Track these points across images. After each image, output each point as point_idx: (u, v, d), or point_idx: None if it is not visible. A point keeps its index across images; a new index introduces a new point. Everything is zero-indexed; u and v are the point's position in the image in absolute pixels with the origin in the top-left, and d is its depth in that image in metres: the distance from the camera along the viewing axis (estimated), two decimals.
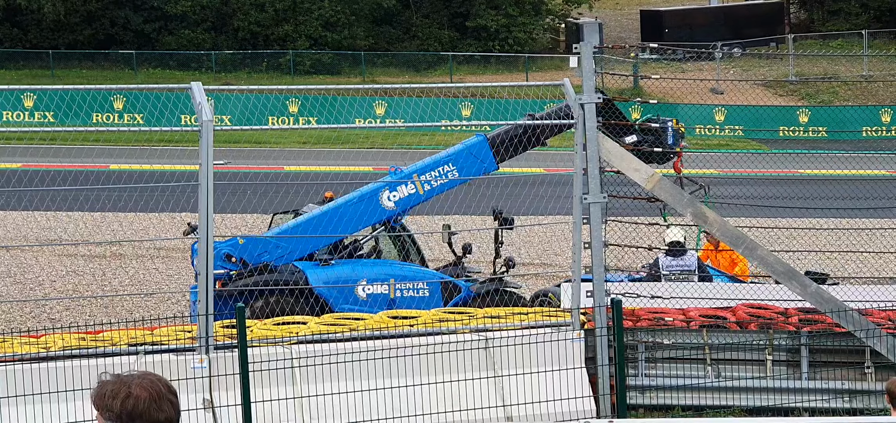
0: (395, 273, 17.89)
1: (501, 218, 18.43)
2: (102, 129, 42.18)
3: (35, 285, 23.13)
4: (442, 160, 18.01)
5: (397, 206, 17.88)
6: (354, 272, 17.71)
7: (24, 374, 12.59)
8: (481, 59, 59.83)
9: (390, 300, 17.49)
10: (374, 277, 17.67)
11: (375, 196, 17.84)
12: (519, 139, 17.67)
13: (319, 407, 13.37)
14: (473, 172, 17.95)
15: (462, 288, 18.00)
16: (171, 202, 21.89)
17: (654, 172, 14.71)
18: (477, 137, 18.18)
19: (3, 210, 27.20)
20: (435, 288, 17.87)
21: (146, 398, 5.24)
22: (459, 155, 17.99)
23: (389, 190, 17.81)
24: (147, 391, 5.26)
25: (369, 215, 17.86)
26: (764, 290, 16.44)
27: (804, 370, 14.72)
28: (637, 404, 14.69)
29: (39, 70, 56.54)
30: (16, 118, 46.66)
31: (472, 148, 17.99)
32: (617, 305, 14.18)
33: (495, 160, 17.87)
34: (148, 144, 28.82)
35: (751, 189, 26.93)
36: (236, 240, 17.76)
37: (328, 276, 17.56)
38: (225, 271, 17.41)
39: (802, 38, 62.64)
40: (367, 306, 17.19)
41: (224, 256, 17.40)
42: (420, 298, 17.66)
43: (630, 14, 70.63)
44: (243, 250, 17.47)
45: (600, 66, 15.39)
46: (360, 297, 17.50)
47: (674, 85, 34.96)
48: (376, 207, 17.82)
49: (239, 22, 60.17)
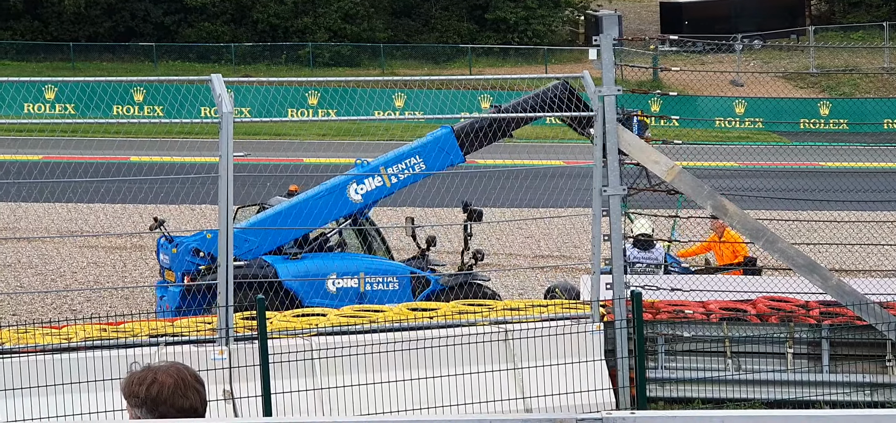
0: (365, 267, 17.77)
1: (471, 211, 18.30)
2: (123, 121, 42.25)
3: (56, 276, 23.21)
4: (408, 153, 17.84)
5: (364, 199, 17.70)
6: (324, 266, 17.57)
7: (45, 365, 12.63)
8: (500, 51, 59.78)
9: (360, 294, 17.39)
10: (344, 270, 17.53)
11: (342, 189, 17.66)
12: (485, 131, 17.59)
13: (339, 399, 13.39)
14: (440, 164, 17.79)
15: (432, 281, 17.90)
16: (191, 194, 21.97)
17: (673, 164, 14.68)
18: (443, 129, 17.98)
19: (25, 202, 27.29)
20: (404, 282, 17.77)
21: (171, 385, 5.30)
22: (426, 147, 17.81)
23: (356, 183, 17.64)
24: (172, 379, 5.31)
25: (336, 209, 17.68)
26: (784, 282, 16.40)
27: (825, 363, 14.68)
28: (656, 396, 14.67)
29: (60, 62, 56.72)
30: (37, 110, 46.82)
31: (439, 140, 17.80)
32: (637, 297, 14.17)
33: (462, 152, 17.75)
34: (168, 136, 28.92)
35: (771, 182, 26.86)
36: (204, 234, 17.51)
37: (298, 269, 17.38)
38: (194, 266, 17.22)
39: (823, 30, 62.41)
40: (337, 300, 17.03)
41: (192, 250, 17.21)
42: (390, 291, 17.55)
43: (650, 6, 70.46)
44: (212, 245, 17.18)
45: (620, 59, 15.39)
46: (330, 291, 17.34)
47: (694, 77, 34.89)
48: (343, 201, 17.66)
49: (258, 14, 60.22)
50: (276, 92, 46.53)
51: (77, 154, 19.30)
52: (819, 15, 67.42)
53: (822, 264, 15.45)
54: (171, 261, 17.39)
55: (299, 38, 59.70)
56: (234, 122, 13.24)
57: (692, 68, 37.33)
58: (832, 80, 53.90)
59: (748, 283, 16.72)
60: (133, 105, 47.22)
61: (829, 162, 25.01)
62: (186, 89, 41.27)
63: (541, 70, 56.58)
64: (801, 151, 29.02)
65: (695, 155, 18.12)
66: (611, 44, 14.62)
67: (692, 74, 33.83)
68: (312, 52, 58.30)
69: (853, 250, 21.39)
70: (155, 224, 17.52)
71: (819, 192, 20.64)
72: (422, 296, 17.53)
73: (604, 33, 14.69)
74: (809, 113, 48.15)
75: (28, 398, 12.47)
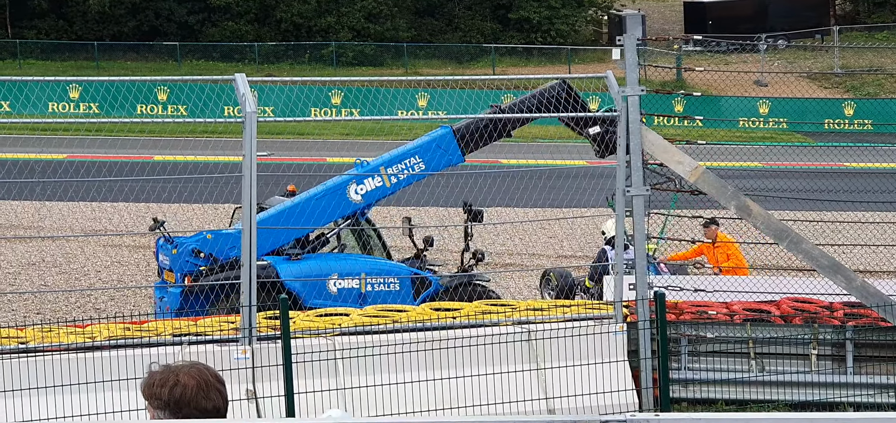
0: (366, 267, 17.69)
1: (471, 211, 18.23)
2: (147, 120, 42.39)
3: (80, 275, 23.28)
4: (408, 153, 17.75)
5: (364, 199, 17.62)
6: (325, 267, 17.50)
7: (69, 364, 12.67)
8: (524, 51, 59.76)
9: (361, 295, 17.33)
10: (346, 271, 17.47)
11: (343, 189, 17.58)
12: (484, 130, 17.56)
13: (362, 399, 13.39)
14: (439, 164, 17.71)
15: (433, 282, 17.85)
16: (214, 194, 22.00)
17: (697, 164, 14.64)
18: (442, 129, 17.90)
19: (50, 201, 27.39)
20: (406, 283, 17.72)
21: (194, 386, 5.28)
22: (425, 147, 17.73)
23: (356, 183, 17.56)
24: (194, 380, 5.30)
25: (337, 209, 17.60)
26: (808, 284, 16.34)
27: (849, 364, 14.61)
28: (680, 397, 14.63)
29: (84, 62, 56.94)
30: (61, 109, 46.98)
31: (438, 140, 17.72)
32: (660, 298, 14.13)
33: (461, 152, 17.69)
34: (191, 136, 29.00)
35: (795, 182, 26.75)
36: (204, 235, 17.41)
37: (299, 270, 17.29)
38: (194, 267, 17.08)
39: (848, 30, 62.17)
40: (339, 301, 16.97)
41: (192, 251, 17.11)
42: (391, 292, 17.48)
43: (673, 6, 70.31)
44: (212, 245, 17.13)
45: (643, 59, 15.36)
46: (331, 291, 17.27)
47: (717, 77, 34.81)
48: (344, 201, 17.57)
49: (282, 13, 60.32)
50: (299, 91, 46.58)
51: (101, 153, 19.38)
52: (844, 15, 67.17)
53: (846, 265, 15.38)
54: (172, 262, 17.30)
55: (323, 37, 59.77)
56: (258, 121, 13.26)
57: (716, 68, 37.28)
58: (857, 80, 53.70)
59: (772, 284, 16.64)
60: (157, 104, 47.35)
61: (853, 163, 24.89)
62: (210, 89, 41.33)
63: (564, 70, 56.51)
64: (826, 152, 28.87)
65: (718, 155, 18.08)
66: (634, 44, 14.58)
67: (716, 74, 33.75)
68: (336, 52, 58.36)
69: (878, 251, 21.30)
70: (154, 225, 17.41)
71: (843, 192, 20.56)
72: (422, 297, 17.48)
73: (627, 33, 14.66)
74: (834, 113, 47.96)
75: (52, 396, 12.51)
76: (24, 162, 24.90)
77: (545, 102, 17.10)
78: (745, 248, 18.79)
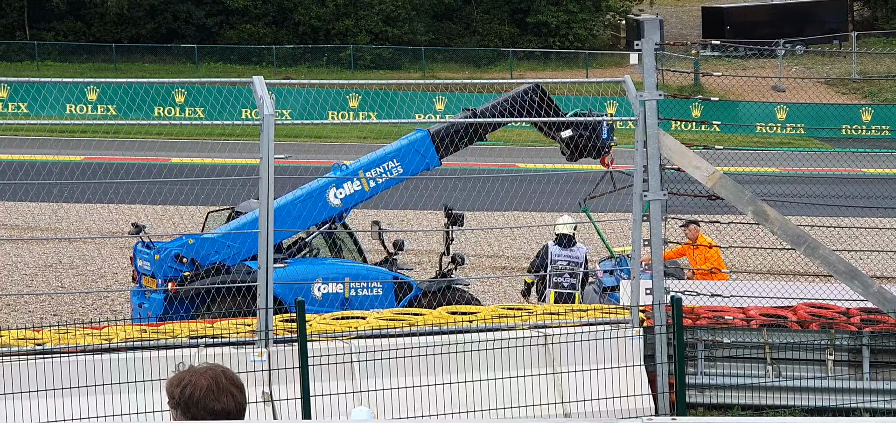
0: (350, 272, 17.62)
1: (452, 215, 18.18)
2: (164, 122, 42.50)
3: (97, 276, 23.34)
4: (386, 156, 17.70)
5: (343, 203, 17.54)
6: (310, 272, 17.42)
7: (86, 365, 12.71)
8: (541, 55, 59.74)
9: (345, 300, 17.27)
10: (330, 276, 17.38)
11: (322, 194, 17.48)
12: (460, 134, 17.53)
13: (378, 402, 13.41)
14: (416, 168, 17.66)
15: (413, 287, 17.82)
16: (231, 196, 22.01)
17: (714, 169, 14.62)
18: (419, 133, 17.86)
19: (67, 202, 27.46)
20: (388, 287, 17.71)
21: (204, 386, 5.33)
22: (403, 151, 17.66)
23: (335, 187, 17.46)
24: (206, 381, 5.34)
25: (316, 213, 17.48)
26: (825, 289, 16.30)
27: (866, 370, 14.58)
28: (696, 402, 14.61)
29: (102, 64, 57.10)
30: (79, 111, 47.13)
31: (415, 143, 17.66)
32: (677, 303, 14.12)
33: (438, 156, 17.63)
34: (209, 138, 29.03)
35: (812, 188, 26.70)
36: (186, 239, 17.26)
37: (283, 275, 17.07)
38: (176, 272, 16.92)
39: (866, 36, 62.03)
40: (323, 306, 16.87)
41: (174, 256, 16.95)
42: (375, 297, 17.43)
43: (691, 11, 70.25)
44: (194, 250, 16.98)
45: (661, 63, 15.35)
46: (316, 296, 17.16)
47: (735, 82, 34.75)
48: (323, 205, 17.48)
49: (300, 16, 60.41)
50: (317, 94, 46.66)
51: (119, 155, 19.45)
52: (862, 20, 67.02)
53: (863, 271, 15.34)
54: (153, 267, 17.18)
55: (340, 40, 59.85)
56: (276, 124, 13.29)
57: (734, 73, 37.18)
58: (874, 85, 53.57)
59: (789, 289, 16.61)
60: (174, 106, 47.44)
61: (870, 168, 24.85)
62: (228, 91, 41.51)
63: (581, 74, 56.48)
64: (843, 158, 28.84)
65: (736, 160, 18.06)
66: (652, 48, 14.58)
67: (734, 80, 33.67)
68: (353, 55, 58.43)
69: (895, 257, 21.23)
70: (134, 230, 17.26)
71: (860, 198, 20.49)
72: (404, 301, 17.44)
73: (645, 38, 14.65)
74: (851, 119, 47.86)
75: (68, 398, 12.54)
76: (42, 163, 24.98)
77: (518, 105, 17.13)
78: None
